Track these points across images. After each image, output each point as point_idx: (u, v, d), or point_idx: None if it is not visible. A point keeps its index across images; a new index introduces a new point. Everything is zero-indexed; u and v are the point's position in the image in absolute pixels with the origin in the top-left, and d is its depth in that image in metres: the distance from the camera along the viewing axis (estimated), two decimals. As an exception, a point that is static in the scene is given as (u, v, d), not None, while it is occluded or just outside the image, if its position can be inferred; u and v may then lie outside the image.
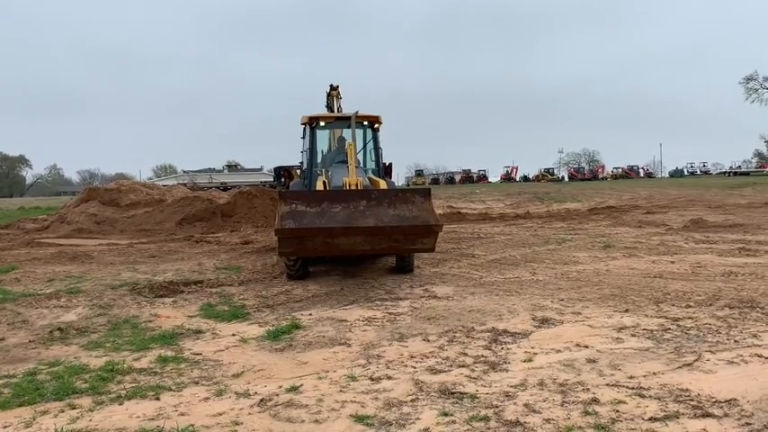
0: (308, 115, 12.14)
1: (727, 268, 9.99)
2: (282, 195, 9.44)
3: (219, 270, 11.61)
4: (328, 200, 9.28)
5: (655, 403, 4.49)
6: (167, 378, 5.62)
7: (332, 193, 9.85)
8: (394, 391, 4.99)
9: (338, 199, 9.32)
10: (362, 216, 9.15)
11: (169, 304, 8.86)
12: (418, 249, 9.85)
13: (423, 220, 9.26)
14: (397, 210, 9.32)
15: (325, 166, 11.88)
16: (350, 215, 9.13)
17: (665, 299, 7.91)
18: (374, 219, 9.14)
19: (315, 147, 12.23)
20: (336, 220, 9.04)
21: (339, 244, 9.14)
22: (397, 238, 9.29)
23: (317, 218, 9.04)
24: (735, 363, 5.33)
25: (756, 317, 6.84)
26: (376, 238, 9.23)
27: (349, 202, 9.27)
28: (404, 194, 9.68)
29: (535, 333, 6.61)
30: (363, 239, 9.16)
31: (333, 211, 9.12)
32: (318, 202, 9.21)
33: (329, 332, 6.96)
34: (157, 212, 22.85)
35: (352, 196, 9.45)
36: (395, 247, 9.66)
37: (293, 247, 9.17)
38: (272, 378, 5.54)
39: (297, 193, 9.94)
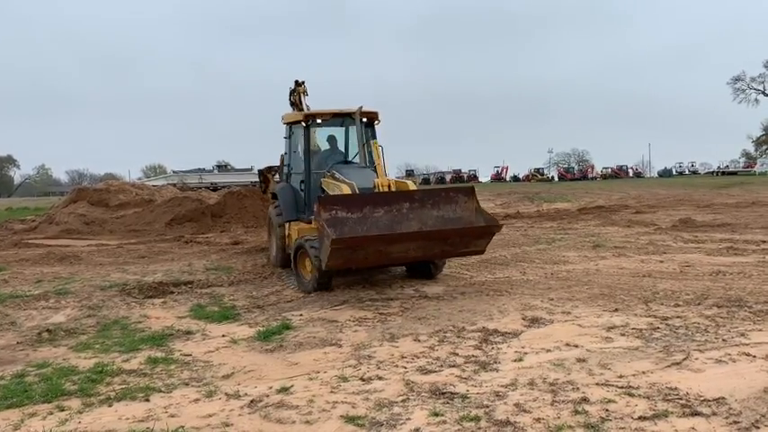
0: (302, 112, 11.25)
1: (715, 267, 10.07)
2: (322, 201, 8.50)
3: (209, 270, 11.58)
4: (371, 204, 8.64)
5: (644, 402, 4.52)
6: (157, 379, 5.60)
7: (375, 196, 8.98)
8: (385, 392, 4.99)
9: (381, 202, 8.71)
10: (407, 219, 8.63)
11: (159, 305, 8.82)
12: (470, 252, 9.35)
13: (484, 221, 8.87)
14: (442, 211, 8.86)
15: (323, 168, 10.78)
16: (394, 219, 8.59)
17: (654, 298, 7.96)
18: (431, 222, 8.67)
19: (309, 147, 11.09)
20: (387, 226, 8.49)
21: (392, 251, 8.44)
22: (453, 241, 8.74)
23: (361, 224, 8.41)
24: (723, 361, 5.37)
25: (744, 316, 6.90)
26: (431, 242, 8.62)
27: (392, 204, 8.72)
28: (448, 194, 9.14)
29: (525, 333, 6.64)
30: (418, 245, 8.52)
31: (376, 216, 8.54)
32: (360, 206, 8.57)
33: (320, 333, 6.95)
34: (147, 213, 22.73)
35: (396, 199, 8.85)
36: (447, 251, 9.01)
37: (344, 257, 8.23)
38: (263, 379, 5.53)
39: (336, 197, 8.97)
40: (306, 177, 10.75)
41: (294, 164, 11.65)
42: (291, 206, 11.09)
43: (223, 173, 59.29)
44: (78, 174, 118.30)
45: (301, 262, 9.51)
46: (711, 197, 30.77)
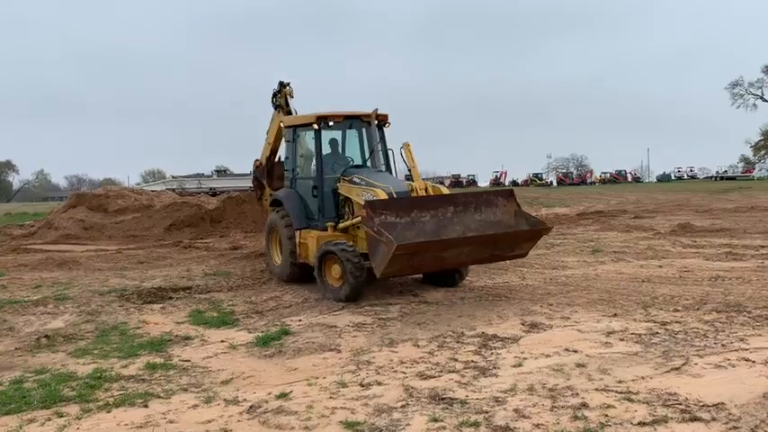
0: (314, 114, 10.39)
1: (714, 272, 10.07)
2: (373, 205, 8.25)
3: (208, 276, 11.57)
4: (418, 208, 8.47)
5: (643, 408, 4.51)
6: (156, 385, 5.59)
7: (423, 200, 8.80)
8: (384, 397, 4.98)
9: (428, 206, 8.56)
10: (452, 223, 8.49)
11: (158, 310, 8.81)
12: (515, 255, 9.19)
13: (530, 223, 8.76)
14: (484, 214, 8.75)
15: (331, 174, 10.27)
16: (440, 223, 8.44)
17: (653, 303, 7.96)
18: (474, 225, 8.53)
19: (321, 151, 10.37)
20: (436, 231, 8.33)
21: (446, 256, 8.27)
22: (503, 245, 8.65)
23: (410, 229, 8.21)
24: (722, 366, 5.37)
25: (743, 321, 6.90)
26: (483, 247, 8.50)
27: (438, 209, 8.57)
28: (488, 197, 9.03)
29: (525, 338, 6.63)
30: (471, 249, 8.36)
31: (423, 221, 8.37)
32: (408, 210, 8.37)
33: (319, 338, 6.94)
34: (146, 218, 22.69)
35: (442, 203, 8.71)
36: (496, 255, 8.94)
37: (402, 264, 8.01)
38: (262, 384, 5.52)
39: (387, 202, 8.62)
40: (318, 183, 10.14)
41: (302, 169, 11.01)
42: (301, 213, 10.36)
43: (222, 178, 59.27)
44: (77, 179, 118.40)
45: (328, 269, 9.06)
46: (710, 202, 30.79)
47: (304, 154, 11.05)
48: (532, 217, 9.11)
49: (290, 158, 11.08)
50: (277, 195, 11.12)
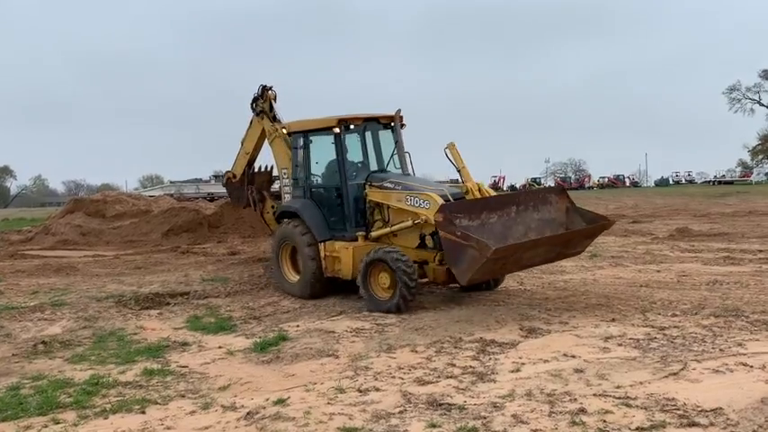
0: (334, 117, 9.70)
1: (712, 277, 10.08)
2: (450, 209, 7.91)
3: (206, 281, 11.54)
4: (486, 210, 8.17)
5: (641, 413, 4.51)
6: (153, 391, 5.58)
7: (490, 201, 8.56)
8: (382, 403, 4.97)
9: (495, 207, 8.29)
10: (516, 224, 8.27)
11: (155, 316, 8.80)
12: (575, 253, 9.11)
13: (587, 220, 8.59)
14: (541, 212, 8.57)
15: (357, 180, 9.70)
16: (505, 224, 8.19)
17: (652, 308, 7.96)
18: (534, 225, 8.36)
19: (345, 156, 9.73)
20: (507, 233, 8.09)
21: (525, 258, 8.14)
22: (572, 243, 8.56)
23: (482, 231, 7.89)
24: (720, 371, 5.36)
25: (741, 325, 6.90)
26: (555, 246, 8.39)
27: (503, 209, 8.32)
28: (543, 195, 8.96)
29: (523, 343, 6.63)
30: (545, 250, 8.27)
31: (491, 222, 8.10)
32: (479, 212, 8.09)
33: (317, 344, 6.93)
34: (143, 223, 22.63)
35: (506, 203, 8.50)
36: (561, 253, 8.79)
37: (491, 268, 7.78)
38: (259, 390, 5.51)
39: (459, 204, 8.27)
40: (344, 190, 9.51)
41: (317, 176, 10.27)
42: (322, 224, 9.65)
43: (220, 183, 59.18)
44: (75, 184, 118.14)
45: (374, 279, 8.60)
46: (708, 206, 30.86)
47: (320, 160, 10.25)
48: (589, 212, 8.90)
49: (302, 166, 10.24)
50: (289, 207, 10.31)
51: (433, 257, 8.67)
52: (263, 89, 11.66)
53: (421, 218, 8.54)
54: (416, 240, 8.89)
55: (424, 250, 8.79)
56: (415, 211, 8.65)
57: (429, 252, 8.74)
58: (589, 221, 8.64)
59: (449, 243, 7.66)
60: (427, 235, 8.70)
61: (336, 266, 9.37)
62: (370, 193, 9.30)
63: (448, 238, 7.64)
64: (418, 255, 8.74)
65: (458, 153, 8.90)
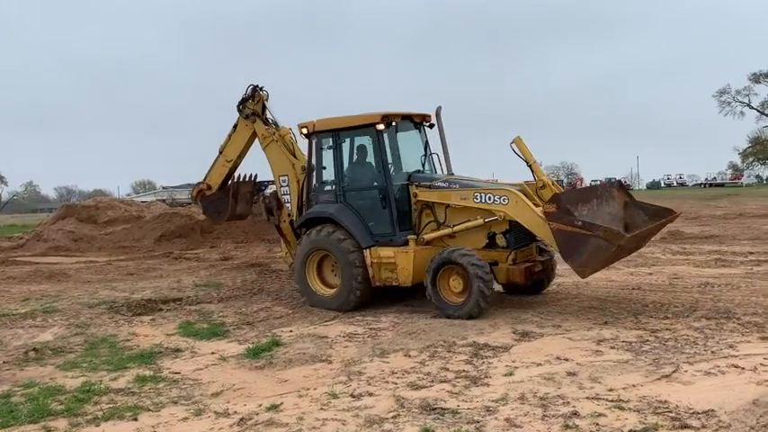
0: (378, 113, 9.00)
1: (703, 279, 10.12)
2: (565, 199, 7.68)
3: (199, 287, 11.51)
4: (581, 201, 7.98)
5: (634, 415, 4.52)
6: (145, 398, 5.55)
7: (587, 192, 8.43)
8: (375, 408, 4.97)
9: (588, 199, 8.13)
10: (600, 215, 8.03)
11: (147, 322, 8.76)
12: (639, 248, 9.06)
13: (650, 212, 8.47)
14: (609, 206, 8.41)
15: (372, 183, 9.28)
16: (594, 216, 7.91)
17: (644, 311, 7.98)
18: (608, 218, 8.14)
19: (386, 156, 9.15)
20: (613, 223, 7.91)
21: (627, 250, 8.00)
22: (648, 237, 8.51)
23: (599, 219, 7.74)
24: (712, 374, 5.38)
25: (732, 327, 6.93)
26: (644, 239, 8.30)
27: (591, 201, 8.15)
28: (610, 189, 8.79)
29: (516, 346, 6.64)
30: (637, 243, 8.20)
31: (583, 214, 7.81)
32: (584, 202, 7.92)
33: (310, 349, 6.92)
34: (136, 229, 22.59)
35: (593, 195, 8.31)
36: (638, 246, 8.75)
37: (610, 259, 7.73)
38: (252, 396, 5.49)
39: (570, 194, 8.12)
40: (388, 191, 8.88)
41: (353, 178, 9.55)
42: (364, 229, 8.95)
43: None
44: (67, 190, 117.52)
45: (444, 283, 8.25)
46: (699, 209, 31.00)
47: (355, 160, 9.66)
48: (652, 205, 8.73)
49: (335, 167, 9.38)
50: (321, 212, 9.30)
51: (505, 257, 8.39)
52: (254, 89, 10.51)
53: (498, 215, 8.20)
54: (483, 240, 8.54)
55: (493, 250, 8.47)
56: (488, 209, 8.28)
57: (499, 252, 8.45)
58: (653, 215, 8.39)
59: (565, 235, 7.34)
60: (498, 233, 8.42)
61: (389, 274, 8.77)
62: (421, 193, 8.85)
63: (565, 229, 7.33)
64: (486, 256, 8.30)
65: (526, 147, 8.49)
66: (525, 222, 8.00)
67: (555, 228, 7.47)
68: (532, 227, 7.98)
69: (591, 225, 7.25)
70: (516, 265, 8.37)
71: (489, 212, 8.30)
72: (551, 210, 7.51)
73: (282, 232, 10.37)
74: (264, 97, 10.49)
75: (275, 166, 10.40)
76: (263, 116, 10.49)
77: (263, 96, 10.48)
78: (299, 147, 10.34)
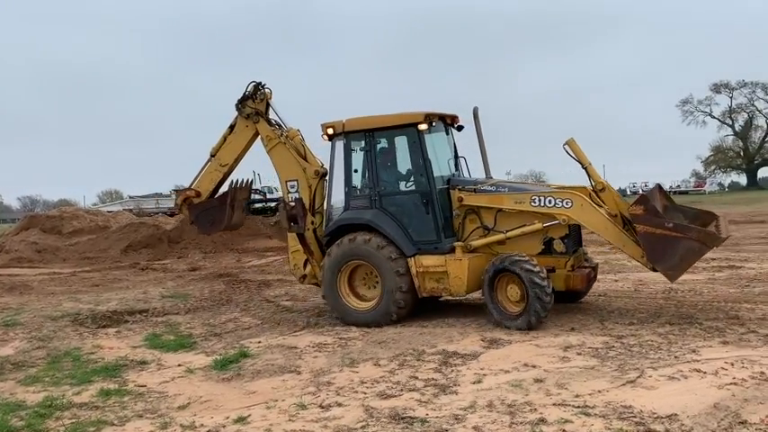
0: (420, 112, 8.47)
1: (667, 286, 10.27)
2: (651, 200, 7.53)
3: (166, 298, 11.36)
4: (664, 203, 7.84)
5: (600, 421, 4.58)
6: (109, 412, 5.45)
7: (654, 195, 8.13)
8: (344, 419, 4.95)
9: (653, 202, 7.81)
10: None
11: (113, 335, 8.62)
12: None
13: (710, 216, 8.27)
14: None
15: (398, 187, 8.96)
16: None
17: (610, 317, 8.10)
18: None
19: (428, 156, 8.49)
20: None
21: None
22: None
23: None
24: (675, 378, 5.48)
25: (695, 332, 7.07)
26: None
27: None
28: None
29: (484, 354, 6.68)
30: None
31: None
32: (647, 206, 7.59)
33: (278, 360, 6.87)
34: (102, 239, 22.31)
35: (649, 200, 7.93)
36: None
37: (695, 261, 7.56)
38: (220, 409, 5.43)
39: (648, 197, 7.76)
40: (432, 196, 8.38)
41: (390, 181, 8.97)
42: (405, 236, 8.41)
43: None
44: (30, 200, 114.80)
45: (501, 292, 7.87)
46: (664, 216, 31.65)
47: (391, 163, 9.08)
48: (692, 208, 8.58)
49: (369, 170, 8.78)
50: (356, 218, 8.67)
51: (563, 264, 8.07)
52: (256, 87, 9.50)
53: (560, 219, 7.88)
54: (539, 246, 8.14)
55: (550, 256, 8.10)
56: (548, 212, 7.96)
57: (556, 258, 8.09)
58: (693, 218, 8.10)
59: (654, 237, 7.10)
60: (556, 239, 8.05)
61: (438, 284, 8.29)
62: (467, 197, 8.43)
63: (654, 232, 7.09)
64: (543, 262, 7.90)
65: (580, 149, 8.09)
66: (592, 226, 7.80)
67: (642, 230, 7.21)
68: (600, 230, 7.80)
69: (683, 227, 7.04)
70: (577, 271, 8.11)
71: (550, 216, 7.98)
72: (638, 212, 7.27)
73: (306, 242, 9.14)
74: (269, 95, 9.56)
75: (282, 170, 9.41)
76: (267, 115, 9.55)
77: (267, 94, 9.52)
78: (309, 149, 9.48)
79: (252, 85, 9.51)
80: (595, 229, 7.85)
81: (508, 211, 8.25)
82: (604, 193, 8.00)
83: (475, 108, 9.05)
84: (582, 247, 8.78)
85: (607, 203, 7.96)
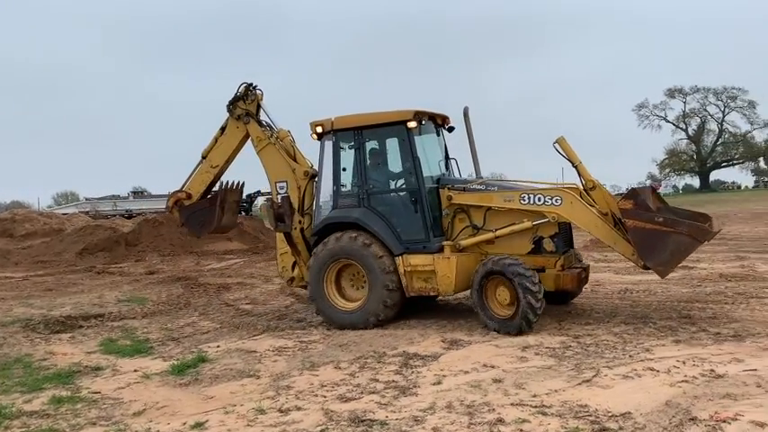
0: (409, 110, 8.37)
1: (623, 286, 10.54)
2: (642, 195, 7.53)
3: (122, 302, 11.13)
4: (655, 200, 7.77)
5: (556, 420, 4.65)
6: (61, 420, 5.31)
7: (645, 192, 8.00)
8: (303, 422, 4.92)
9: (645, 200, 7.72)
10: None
11: (66, 340, 8.40)
12: None
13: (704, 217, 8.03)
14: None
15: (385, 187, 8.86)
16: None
17: (567, 317, 8.24)
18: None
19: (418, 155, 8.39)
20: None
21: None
22: None
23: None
24: (629, 377, 5.60)
25: (649, 332, 7.23)
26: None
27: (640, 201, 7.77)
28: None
29: (444, 355, 6.71)
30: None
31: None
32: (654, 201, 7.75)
33: (237, 364, 6.79)
34: (56, 243, 21.79)
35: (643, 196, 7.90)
36: None
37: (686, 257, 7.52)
38: (176, 415, 5.34)
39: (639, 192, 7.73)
40: (421, 195, 8.28)
41: (379, 180, 8.86)
42: (393, 235, 8.33)
43: (139, 199, 57.08)
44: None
45: (491, 295, 7.72)
46: (620, 218, 32.34)
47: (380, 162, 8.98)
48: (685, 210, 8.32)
49: (357, 169, 8.69)
50: (344, 217, 8.58)
51: (553, 263, 7.95)
52: (247, 88, 9.45)
53: (550, 217, 7.84)
54: (528, 245, 8.07)
55: (540, 256, 8.02)
56: (537, 210, 7.91)
57: (547, 258, 7.99)
58: (686, 218, 7.86)
59: (644, 232, 7.03)
60: (546, 237, 7.96)
61: (426, 283, 8.20)
62: (456, 196, 8.37)
63: (643, 227, 7.03)
64: (533, 262, 7.87)
65: (570, 147, 8.01)
66: (582, 224, 7.75)
67: (632, 225, 7.15)
68: (591, 228, 7.77)
69: (674, 222, 6.98)
70: (567, 271, 8.01)
71: (539, 215, 7.93)
72: (628, 206, 7.23)
73: (293, 241, 9.13)
74: (260, 97, 9.52)
75: (272, 171, 9.39)
76: (257, 117, 9.53)
77: (258, 96, 9.49)
78: (299, 150, 9.50)
79: (243, 86, 9.47)
80: (585, 226, 7.81)
81: (497, 209, 8.19)
82: (595, 191, 7.93)
83: (465, 108, 8.99)
84: (573, 248, 8.74)
85: (598, 202, 7.91)
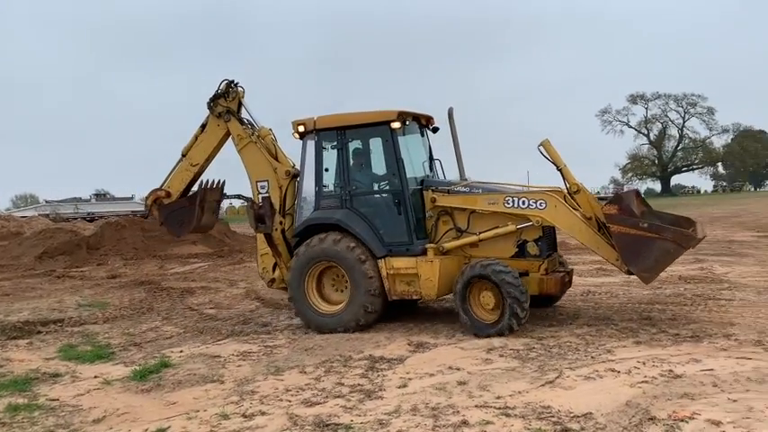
0: (393, 110, 8.25)
1: (586, 288, 10.71)
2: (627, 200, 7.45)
3: (82, 307, 10.90)
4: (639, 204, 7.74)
5: (519, 422, 4.69)
6: (17, 428, 5.18)
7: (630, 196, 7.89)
8: (267, 428, 4.88)
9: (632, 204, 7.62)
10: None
11: (23, 346, 8.19)
12: None
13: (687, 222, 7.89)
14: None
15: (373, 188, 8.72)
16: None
17: (531, 319, 8.25)
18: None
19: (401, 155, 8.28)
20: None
21: None
22: None
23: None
24: (591, 378, 5.69)
25: (611, 333, 7.36)
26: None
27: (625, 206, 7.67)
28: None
29: (410, 358, 6.73)
30: None
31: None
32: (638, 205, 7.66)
33: (201, 369, 6.70)
34: (14, 246, 21.27)
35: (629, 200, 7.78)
36: None
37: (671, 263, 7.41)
38: (138, 421, 5.25)
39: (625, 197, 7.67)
40: (404, 196, 8.16)
41: (362, 181, 8.70)
42: (376, 237, 8.22)
43: (101, 202, 56.08)
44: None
45: (474, 299, 7.67)
46: (584, 221, 32.88)
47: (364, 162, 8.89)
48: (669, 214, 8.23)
49: (339, 169, 8.55)
50: (326, 218, 8.42)
51: (537, 267, 7.89)
52: (228, 85, 9.23)
53: (534, 220, 7.76)
54: (512, 249, 8.01)
55: (524, 259, 7.96)
56: (521, 214, 7.83)
57: (530, 261, 7.93)
58: (671, 223, 7.71)
59: (628, 238, 6.96)
60: (530, 241, 7.93)
61: (409, 287, 8.08)
62: (439, 198, 8.27)
63: (627, 232, 6.95)
64: (516, 265, 7.76)
65: (555, 150, 7.96)
66: (566, 228, 7.74)
67: (616, 230, 7.08)
68: (574, 232, 7.72)
69: (659, 227, 6.92)
70: (551, 275, 7.97)
71: (523, 218, 7.86)
72: (612, 211, 7.16)
73: (273, 242, 8.93)
74: (241, 94, 9.30)
75: (253, 170, 9.17)
76: (238, 115, 9.31)
77: (239, 93, 9.27)
78: (281, 149, 9.32)
79: (224, 83, 9.24)
80: (569, 230, 7.81)
81: (481, 212, 8.12)
82: (579, 195, 7.89)
83: (450, 108, 8.84)
84: (556, 251, 8.76)
85: (582, 206, 7.90)
